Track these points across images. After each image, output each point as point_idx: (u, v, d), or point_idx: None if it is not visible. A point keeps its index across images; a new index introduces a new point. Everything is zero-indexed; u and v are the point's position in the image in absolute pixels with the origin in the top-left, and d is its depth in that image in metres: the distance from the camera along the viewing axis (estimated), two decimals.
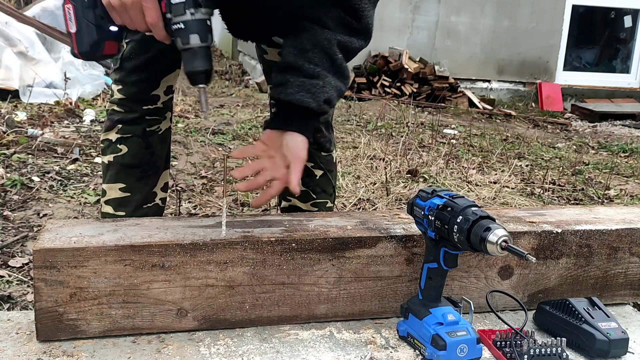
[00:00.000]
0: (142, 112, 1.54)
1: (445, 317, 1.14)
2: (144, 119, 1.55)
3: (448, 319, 1.14)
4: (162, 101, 1.55)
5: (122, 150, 1.55)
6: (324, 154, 1.73)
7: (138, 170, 1.57)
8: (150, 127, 1.56)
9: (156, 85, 1.53)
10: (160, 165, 1.63)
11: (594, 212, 1.52)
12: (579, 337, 1.20)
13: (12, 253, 2.02)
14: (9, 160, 3.00)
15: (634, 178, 3.92)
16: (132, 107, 1.54)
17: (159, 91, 1.54)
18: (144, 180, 1.59)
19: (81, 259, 1.10)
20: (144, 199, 1.60)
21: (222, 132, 4.16)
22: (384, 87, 6.43)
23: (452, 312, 1.15)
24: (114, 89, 1.55)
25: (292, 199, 1.75)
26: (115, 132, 1.55)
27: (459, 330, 1.13)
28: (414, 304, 1.19)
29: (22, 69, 4.57)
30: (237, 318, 1.21)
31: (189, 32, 1.11)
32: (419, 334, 1.17)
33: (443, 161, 3.67)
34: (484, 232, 1.04)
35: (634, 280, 1.43)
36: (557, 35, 7.23)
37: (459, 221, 1.07)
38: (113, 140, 1.55)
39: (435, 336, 1.12)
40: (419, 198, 1.18)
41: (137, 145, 1.55)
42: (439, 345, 1.11)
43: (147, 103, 1.54)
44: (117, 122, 1.55)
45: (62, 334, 1.13)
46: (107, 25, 1.16)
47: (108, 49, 1.19)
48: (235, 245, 1.17)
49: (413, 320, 1.19)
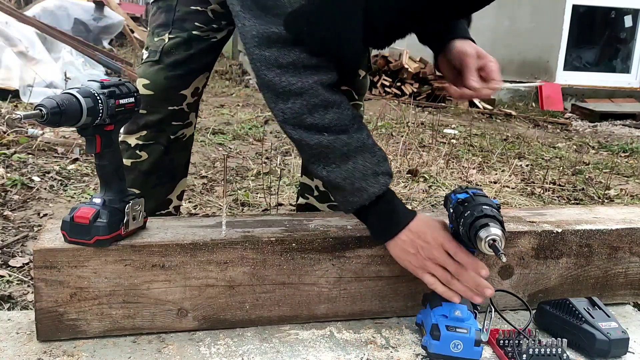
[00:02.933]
0: (167, 113, 1.48)
1: (452, 311, 1.15)
2: (169, 125, 1.49)
3: (454, 314, 1.15)
4: (187, 103, 1.50)
5: (142, 157, 1.49)
6: None
7: (154, 177, 1.53)
8: (175, 134, 1.51)
9: (187, 85, 1.49)
10: (178, 173, 1.59)
11: (594, 211, 1.52)
12: (579, 336, 1.20)
13: (12, 253, 2.02)
14: (9, 160, 3.00)
15: (634, 178, 3.92)
16: (156, 107, 1.47)
17: (187, 92, 1.49)
18: (159, 188, 1.55)
19: (81, 259, 1.10)
20: (158, 206, 1.56)
21: (222, 132, 4.16)
22: (384, 87, 6.43)
23: (462, 309, 1.16)
24: (139, 84, 1.47)
25: (309, 197, 1.74)
26: (137, 137, 1.48)
27: (460, 327, 1.14)
28: (433, 294, 1.20)
29: (22, 69, 4.57)
30: (238, 318, 1.21)
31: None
32: (425, 321, 1.19)
33: (443, 161, 3.67)
34: (480, 228, 1.06)
35: (634, 280, 1.43)
36: (557, 35, 7.23)
37: (467, 215, 1.10)
38: (132, 145, 1.49)
39: (434, 325, 1.14)
40: (453, 192, 1.22)
41: (157, 152, 1.50)
42: (434, 334, 1.13)
43: (172, 103, 1.48)
44: (142, 127, 1.48)
45: (62, 334, 1.13)
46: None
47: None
48: (235, 245, 1.17)
49: (427, 308, 1.21)
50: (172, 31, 1.46)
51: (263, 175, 3.11)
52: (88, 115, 1.05)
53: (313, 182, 1.74)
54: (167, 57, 1.45)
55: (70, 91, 1.05)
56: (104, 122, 1.10)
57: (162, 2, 1.49)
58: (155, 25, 1.49)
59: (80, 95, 1.05)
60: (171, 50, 1.45)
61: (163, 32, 1.47)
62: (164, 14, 1.48)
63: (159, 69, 1.46)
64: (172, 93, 1.48)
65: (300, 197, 1.78)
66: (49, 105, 1.00)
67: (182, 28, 1.45)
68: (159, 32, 1.48)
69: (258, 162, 3.43)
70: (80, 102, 1.04)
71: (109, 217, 1.11)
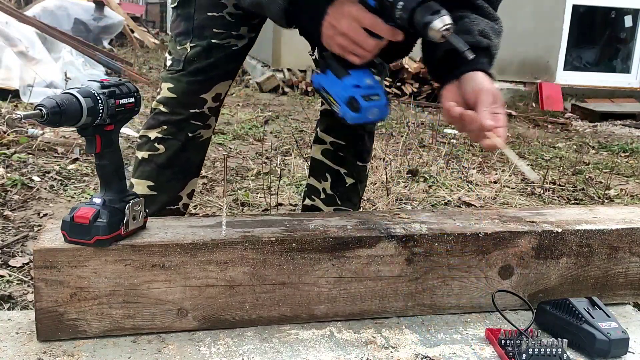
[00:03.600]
0: (188, 115, 1.53)
1: (363, 80, 1.18)
2: (188, 123, 1.54)
3: (366, 83, 1.18)
4: (208, 107, 1.55)
5: (160, 150, 1.54)
6: (360, 164, 1.73)
7: (169, 171, 1.57)
8: (193, 132, 1.56)
9: (207, 89, 1.53)
10: (192, 171, 1.63)
11: (594, 211, 1.52)
12: (579, 336, 1.20)
13: (12, 253, 2.02)
14: (9, 160, 3.00)
15: (634, 178, 3.92)
16: (178, 109, 1.53)
17: (207, 96, 1.54)
18: (173, 183, 1.59)
19: (81, 259, 1.10)
20: (169, 201, 1.59)
21: (222, 132, 4.16)
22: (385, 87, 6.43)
23: (370, 76, 1.19)
24: (164, 87, 1.54)
25: (316, 199, 1.76)
26: (157, 131, 1.54)
27: (373, 95, 1.17)
28: (332, 60, 1.22)
29: (23, 69, 4.57)
30: (238, 318, 1.21)
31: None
32: (332, 90, 1.21)
33: (443, 161, 3.68)
34: (430, 14, 1.03)
35: (634, 280, 1.43)
36: (557, 35, 7.23)
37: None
38: (152, 138, 1.55)
39: (352, 98, 1.17)
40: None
41: (174, 147, 1.55)
42: (354, 107, 1.16)
43: (194, 106, 1.53)
44: (163, 122, 1.54)
45: (62, 334, 1.13)
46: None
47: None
48: (235, 245, 1.17)
49: (331, 76, 1.22)
50: (192, 39, 1.50)
51: (263, 175, 3.12)
52: (88, 115, 1.05)
53: (320, 185, 1.75)
54: (189, 66, 1.51)
55: (70, 91, 1.05)
56: (104, 122, 1.10)
57: (181, 10, 1.53)
58: (177, 33, 1.54)
59: (80, 95, 1.05)
60: (193, 59, 1.51)
61: (184, 40, 1.52)
62: (183, 22, 1.53)
63: (181, 75, 1.52)
64: (194, 97, 1.53)
65: (307, 198, 1.78)
66: (49, 105, 1.00)
67: (202, 36, 1.49)
68: (181, 41, 1.53)
69: (258, 162, 3.43)
70: (80, 102, 1.04)
71: (109, 217, 1.11)
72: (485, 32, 1.26)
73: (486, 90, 1.16)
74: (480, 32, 1.25)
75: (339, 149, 1.72)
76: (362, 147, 1.72)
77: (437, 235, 1.27)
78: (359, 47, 1.17)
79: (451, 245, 1.28)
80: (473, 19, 1.28)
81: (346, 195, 1.73)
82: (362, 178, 1.76)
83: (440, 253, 1.28)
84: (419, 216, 1.40)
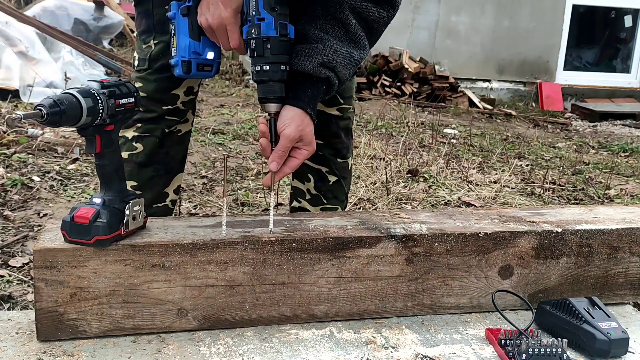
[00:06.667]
0: (162, 112, 1.53)
1: (206, 52, 1.34)
2: (163, 119, 1.54)
3: (207, 55, 1.35)
4: (182, 101, 1.54)
5: (138, 149, 1.54)
6: (340, 160, 1.72)
7: (150, 168, 1.57)
8: (169, 127, 1.55)
9: (177, 85, 1.53)
10: (174, 167, 1.62)
11: (594, 211, 1.52)
12: (579, 336, 1.20)
13: (12, 253, 2.02)
14: (9, 160, 3.00)
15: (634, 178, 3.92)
16: (151, 107, 1.53)
17: (178, 91, 1.53)
18: (156, 180, 1.59)
19: (81, 259, 1.10)
20: (155, 198, 1.59)
21: (222, 132, 4.16)
22: (384, 87, 6.43)
23: (215, 50, 1.35)
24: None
25: (302, 200, 1.75)
26: (133, 130, 1.54)
27: (207, 66, 1.36)
28: (194, 21, 1.33)
29: (23, 69, 4.57)
30: (238, 318, 1.21)
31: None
32: (180, 41, 1.34)
33: (443, 161, 3.68)
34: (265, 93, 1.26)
35: (634, 279, 1.43)
36: (557, 35, 7.24)
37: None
38: (129, 137, 1.54)
39: (187, 61, 1.34)
40: None
41: (152, 144, 1.55)
42: (186, 68, 1.34)
43: (166, 103, 1.53)
44: (136, 121, 1.54)
45: (62, 334, 1.13)
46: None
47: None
48: (235, 245, 1.17)
49: (185, 28, 1.34)
50: (155, 36, 1.49)
51: (263, 175, 3.11)
52: (88, 115, 1.05)
53: (304, 186, 1.75)
54: (154, 63, 1.50)
55: (70, 91, 1.05)
56: (104, 122, 1.10)
57: (140, 7, 1.53)
58: (140, 32, 1.53)
59: (80, 95, 1.05)
60: (158, 57, 1.49)
61: (148, 38, 1.51)
62: (144, 19, 1.52)
63: (148, 73, 1.51)
64: (164, 94, 1.52)
65: (294, 200, 1.78)
66: (49, 105, 1.00)
67: (164, 31, 1.47)
68: (145, 39, 1.52)
69: (258, 162, 3.43)
70: (80, 102, 1.04)
71: (109, 217, 1.11)
72: (329, 63, 1.29)
73: (282, 135, 1.27)
74: (321, 64, 1.28)
75: (318, 148, 1.72)
76: (340, 144, 1.71)
77: (437, 235, 1.27)
78: (218, 38, 1.31)
79: (451, 245, 1.28)
80: (326, 45, 1.29)
81: (331, 193, 1.73)
82: (346, 174, 1.75)
83: (440, 253, 1.28)
84: (419, 216, 1.40)
